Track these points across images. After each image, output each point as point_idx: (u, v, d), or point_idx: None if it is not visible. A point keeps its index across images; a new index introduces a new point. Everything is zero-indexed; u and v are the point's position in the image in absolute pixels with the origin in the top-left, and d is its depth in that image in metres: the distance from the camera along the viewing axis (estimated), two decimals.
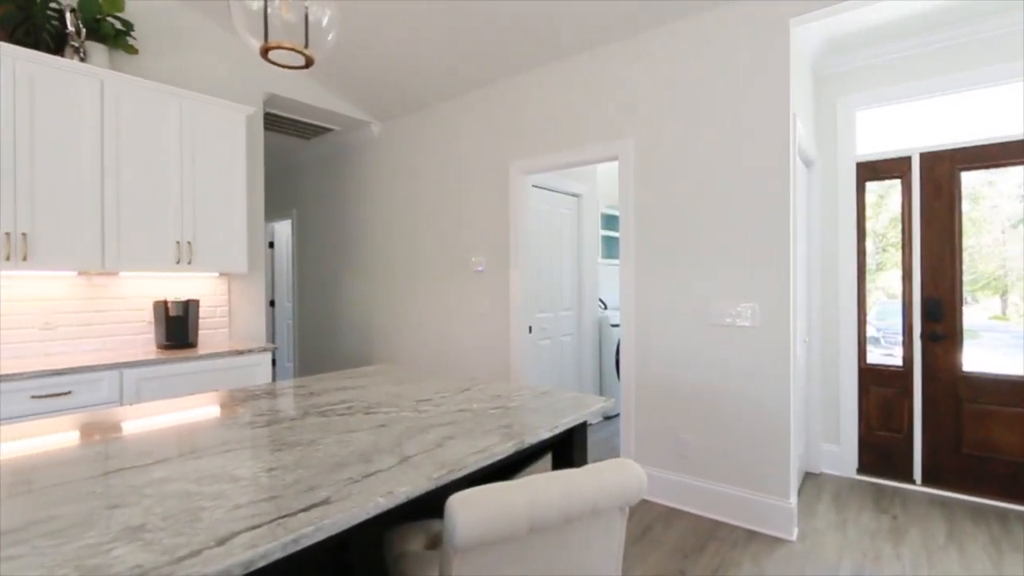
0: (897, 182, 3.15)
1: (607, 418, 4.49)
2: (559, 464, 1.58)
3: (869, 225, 3.27)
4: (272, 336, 6.53)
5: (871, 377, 3.22)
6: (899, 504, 2.85)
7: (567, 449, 1.55)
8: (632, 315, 2.98)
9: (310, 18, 1.51)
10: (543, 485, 0.93)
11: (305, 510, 0.84)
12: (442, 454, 1.10)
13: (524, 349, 3.52)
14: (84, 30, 2.74)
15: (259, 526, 0.78)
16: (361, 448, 1.15)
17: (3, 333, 2.61)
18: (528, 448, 1.27)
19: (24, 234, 2.42)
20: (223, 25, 3.44)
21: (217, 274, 3.39)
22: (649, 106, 2.91)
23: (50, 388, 2.31)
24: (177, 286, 3.23)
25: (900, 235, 3.14)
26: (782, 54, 2.47)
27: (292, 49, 1.44)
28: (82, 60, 2.70)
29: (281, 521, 0.80)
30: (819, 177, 3.33)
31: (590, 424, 4.24)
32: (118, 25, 2.89)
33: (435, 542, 1.28)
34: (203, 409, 1.53)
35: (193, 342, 3.03)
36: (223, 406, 1.56)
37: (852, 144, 3.24)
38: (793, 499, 2.46)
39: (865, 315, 3.28)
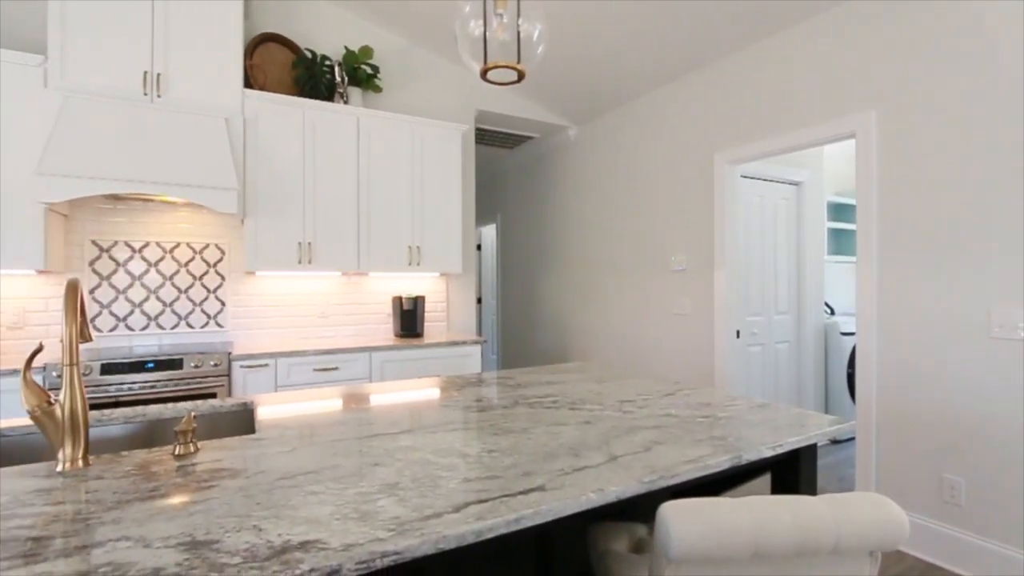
0: None
1: (835, 442, 3.84)
2: (780, 488, 1.39)
3: None
4: (479, 330, 7.24)
5: None
6: None
7: (792, 472, 1.36)
8: (872, 322, 2.49)
9: (522, 35, 1.61)
10: (771, 507, 0.83)
11: (524, 493, 0.89)
12: (651, 458, 1.07)
13: (730, 355, 3.22)
14: (346, 78, 3.42)
15: (486, 500, 0.86)
16: (569, 442, 1.18)
17: (295, 319, 3.42)
18: (745, 465, 1.15)
19: (310, 243, 3.13)
20: (443, 56, 3.93)
21: (438, 274, 3.89)
22: (898, 68, 2.38)
23: (325, 363, 2.94)
24: (408, 284, 3.80)
25: None
26: None
27: (507, 66, 1.56)
28: (345, 102, 3.37)
29: (504, 500, 0.87)
30: None
31: None
32: (369, 70, 3.53)
33: (639, 546, 1.25)
34: (431, 391, 1.77)
35: (420, 332, 3.53)
36: (447, 390, 1.78)
37: None
38: None
39: None
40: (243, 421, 1.58)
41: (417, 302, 3.50)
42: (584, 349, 4.59)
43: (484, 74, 1.60)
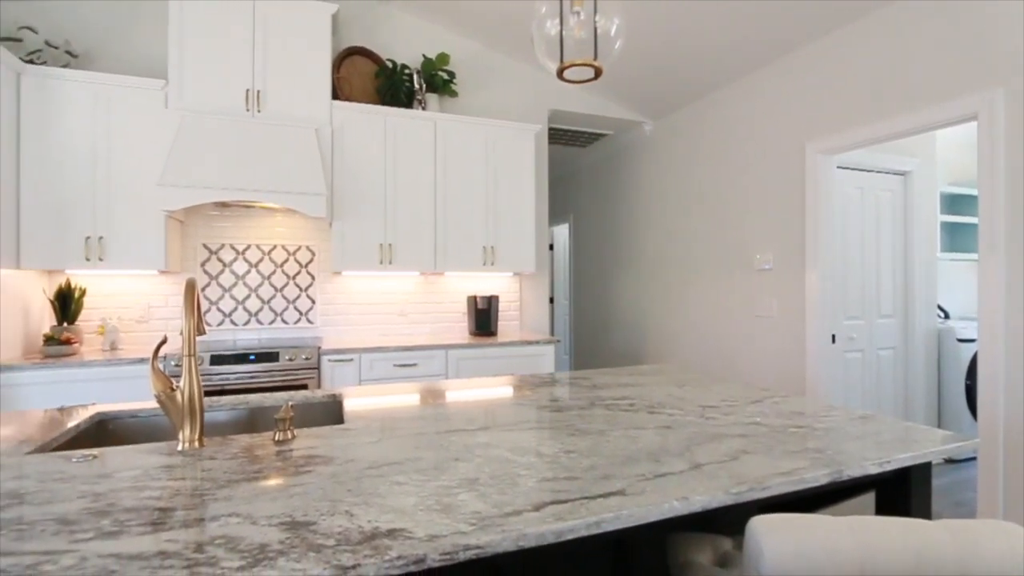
0: None
1: (950, 461, 3.44)
2: (886, 510, 1.27)
3: None
4: (552, 330, 7.22)
5: None
6: None
7: (901, 493, 1.23)
8: (999, 328, 2.20)
9: (599, 31, 1.58)
10: (881, 530, 0.76)
11: (604, 496, 0.88)
12: (738, 468, 1.01)
13: (824, 361, 2.98)
14: (424, 85, 3.54)
15: (565, 502, 0.86)
16: (649, 447, 1.15)
17: (376, 316, 3.59)
18: (846, 481, 1.06)
19: (390, 245, 3.28)
20: (516, 58, 3.96)
21: (511, 274, 3.93)
22: None
23: (405, 360, 3.07)
24: (482, 284, 3.87)
25: None
26: None
27: (584, 64, 1.55)
28: (423, 108, 3.49)
29: (583, 502, 0.86)
30: None
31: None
32: (445, 76, 3.64)
33: (723, 560, 1.19)
34: (506, 389, 1.79)
35: (494, 331, 3.59)
36: (522, 388, 1.79)
37: None
38: None
39: None
40: (331, 412, 1.68)
41: (491, 301, 3.56)
42: (660, 351, 4.45)
43: (560, 73, 1.59)
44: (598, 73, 1.59)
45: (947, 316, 3.94)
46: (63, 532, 0.75)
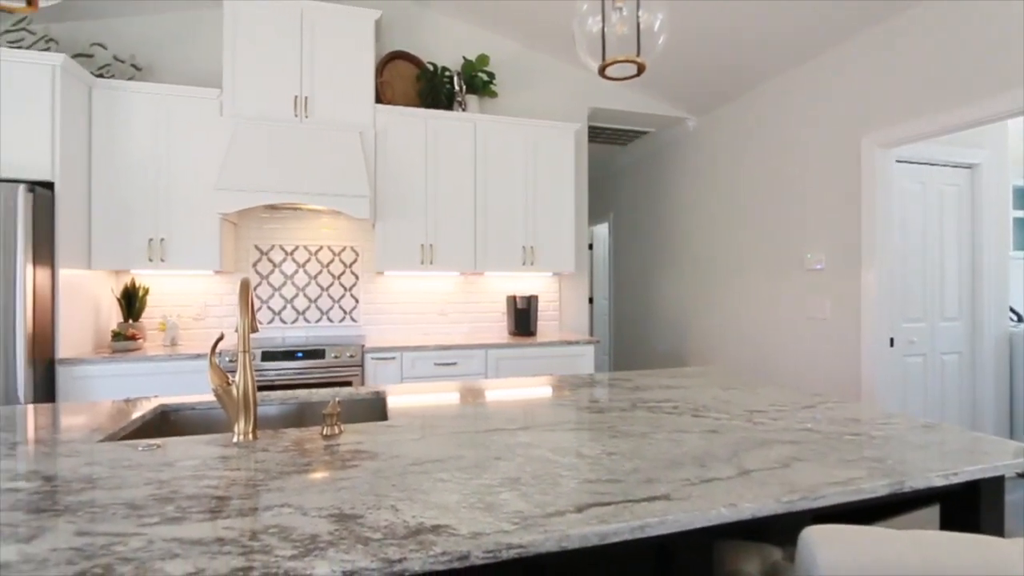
0: None
1: (1023, 476, 3.20)
2: (952, 525, 1.19)
3: None
4: (591, 330, 7.16)
5: None
6: None
7: (969, 507, 1.15)
8: None
9: (641, 25, 1.56)
10: (948, 546, 0.71)
11: (648, 500, 0.86)
12: (789, 476, 0.97)
13: (882, 366, 2.82)
14: (464, 86, 3.58)
15: (609, 504, 0.85)
16: (694, 451, 1.12)
17: (417, 316, 3.66)
18: (908, 493, 1.00)
19: (431, 245, 3.33)
20: (556, 57, 3.95)
21: (551, 274, 3.92)
22: None
23: (445, 358, 3.11)
24: (522, 284, 3.88)
25: None
26: None
27: (626, 60, 1.52)
28: (463, 110, 3.53)
29: (627, 505, 0.84)
30: None
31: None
32: (485, 77, 3.66)
33: (773, 570, 1.14)
34: (546, 389, 1.78)
35: (533, 331, 3.58)
36: (562, 389, 1.78)
37: None
38: None
39: None
40: (375, 408, 1.72)
41: (531, 301, 3.56)
42: (703, 353, 4.33)
43: (602, 71, 1.57)
44: (641, 70, 1.57)
45: (1021, 319, 3.66)
46: (132, 516, 0.80)
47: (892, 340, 2.86)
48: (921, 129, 2.60)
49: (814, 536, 0.76)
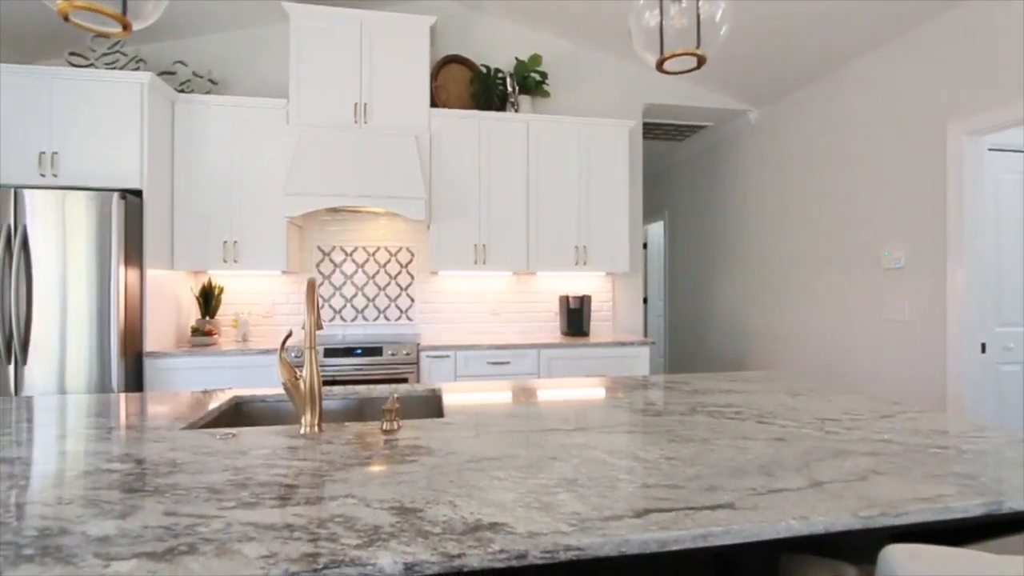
0: None
1: None
2: None
3: None
4: (645, 331, 7.00)
5: None
6: None
7: None
8: None
9: (702, 16, 1.50)
10: None
11: (711, 508, 0.83)
12: (867, 489, 0.91)
13: (971, 373, 2.59)
14: (516, 87, 3.59)
15: (669, 510, 0.82)
16: (759, 459, 1.07)
17: (470, 315, 3.70)
18: (1005, 514, 0.91)
19: (484, 245, 3.37)
20: (609, 54, 3.88)
21: (604, 273, 3.86)
22: None
23: (498, 358, 3.13)
24: (574, 284, 3.84)
25: None
26: None
27: (686, 53, 1.48)
28: (516, 110, 3.54)
29: (688, 512, 0.82)
30: None
31: None
32: (537, 77, 3.66)
33: None
34: (600, 390, 1.76)
35: (586, 331, 3.55)
36: (618, 390, 1.75)
37: None
38: None
39: None
40: (431, 405, 1.76)
41: (583, 301, 3.52)
42: (765, 356, 4.13)
43: (660, 65, 1.53)
44: (701, 62, 1.51)
45: None
46: (212, 499, 0.86)
47: (984, 346, 2.61)
48: (1016, 115, 2.36)
49: (898, 555, 0.71)
